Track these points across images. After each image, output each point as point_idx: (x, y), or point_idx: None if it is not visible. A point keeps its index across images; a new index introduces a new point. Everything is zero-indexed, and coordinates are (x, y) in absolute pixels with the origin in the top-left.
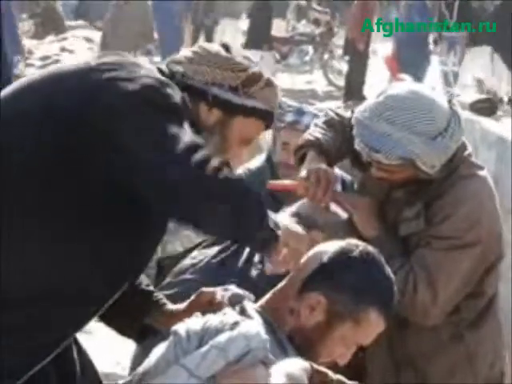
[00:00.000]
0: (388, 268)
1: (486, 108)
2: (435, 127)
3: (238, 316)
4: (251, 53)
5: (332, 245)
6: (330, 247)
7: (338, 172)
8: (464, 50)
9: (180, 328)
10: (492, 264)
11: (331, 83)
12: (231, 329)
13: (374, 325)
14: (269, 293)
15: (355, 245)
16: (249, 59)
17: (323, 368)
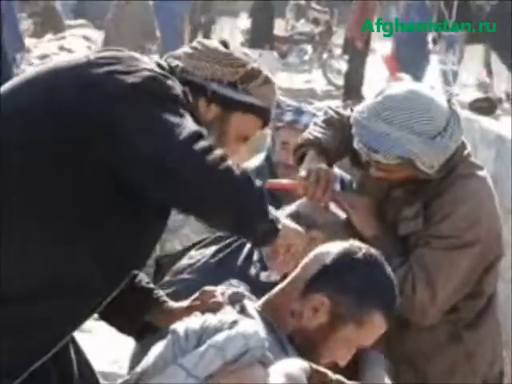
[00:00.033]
0: (390, 270)
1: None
2: (434, 127)
3: (237, 315)
4: (251, 52)
5: (334, 246)
6: (333, 248)
7: (337, 171)
8: (463, 49)
9: (178, 327)
10: (491, 263)
11: (330, 82)
12: (229, 328)
13: (377, 327)
14: (269, 292)
15: (358, 246)
16: (247, 55)
17: (322, 368)
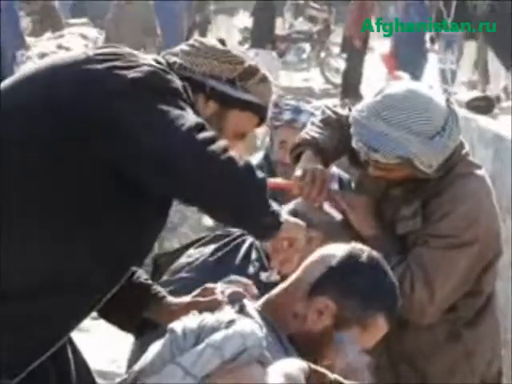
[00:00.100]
0: (391, 272)
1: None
2: (432, 126)
3: (235, 314)
4: (251, 51)
5: (338, 248)
6: (338, 251)
7: (336, 170)
8: (462, 48)
9: (176, 326)
10: (490, 262)
11: (328, 81)
12: (227, 327)
13: (380, 329)
14: (270, 292)
15: (361, 249)
16: (244, 53)
17: (321, 368)
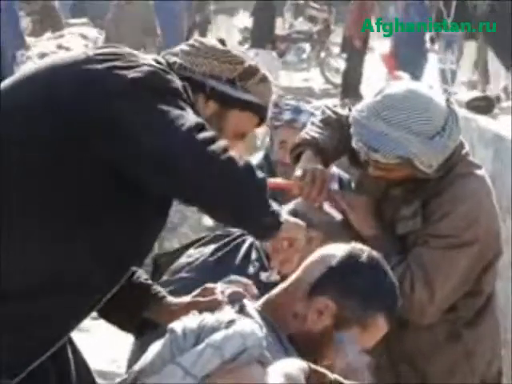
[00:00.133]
0: (391, 272)
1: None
2: (432, 126)
3: (235, 314)
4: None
5: (338, 248)
6: (338, 251)
7: (336, 170)
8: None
9: (176, 326)
10: (490, 262)
11: (328, 81)
12: (227, 327)
13: (380, 329)
14: (269, 293)
15: (361, 249)
16: (244, 53)
17: (321, 368)
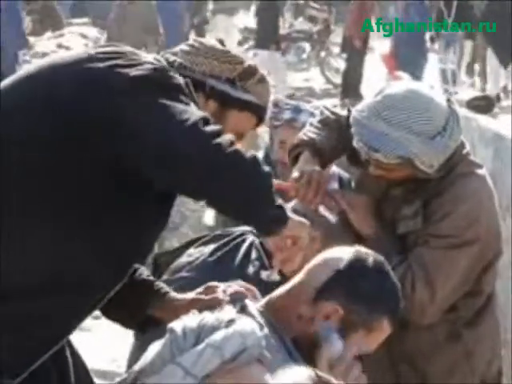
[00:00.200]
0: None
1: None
2: (433, 126)
3: (234, 313)
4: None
5: (342, 251)
6: (343, 254)
7: (336, 169)
8: (463, 48)
9: (176, 326)
10: (490, 262)
11: (328, 81)
12: (227, 326)
13: (384, 332)
14: (271, 294)
15: (366, 253)
16: (244, 53)
17: (326, 375)
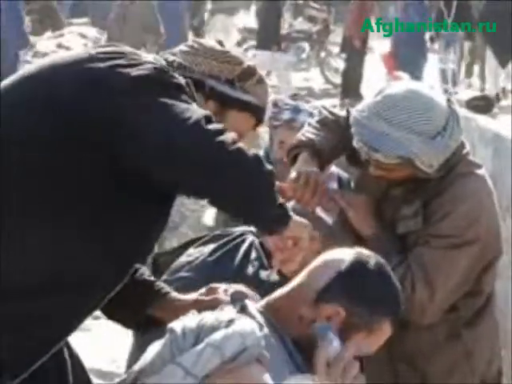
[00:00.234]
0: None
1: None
2: (433, 126)
3: (234, 313)
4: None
5: (343, 253)
6: (344, 256)
7: (335, 169)
8: (463, 48)
9: (176, 326)
10: (490, 262)
11: (328, 81)
12: (226, 326)
13: (385, 333)
14: (270, 295)
15: (367, 255)
16: (243, 54)
17: (327, 382)
